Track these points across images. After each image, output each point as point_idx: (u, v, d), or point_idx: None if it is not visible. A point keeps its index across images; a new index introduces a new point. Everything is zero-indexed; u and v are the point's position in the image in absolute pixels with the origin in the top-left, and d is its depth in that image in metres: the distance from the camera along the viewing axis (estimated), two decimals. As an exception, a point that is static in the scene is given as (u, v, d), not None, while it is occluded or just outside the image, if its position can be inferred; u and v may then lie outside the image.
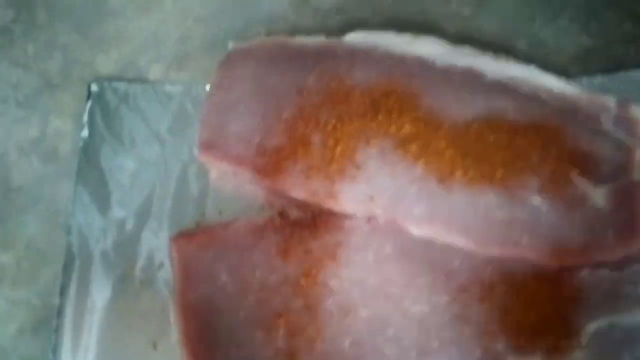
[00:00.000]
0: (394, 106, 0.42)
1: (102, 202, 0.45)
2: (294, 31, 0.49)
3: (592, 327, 0.38)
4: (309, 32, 0.49)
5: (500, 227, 0.39)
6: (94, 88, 0.48)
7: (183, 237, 0.41)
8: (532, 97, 0.42)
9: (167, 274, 0.42)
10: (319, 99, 0.44)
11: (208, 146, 0.44)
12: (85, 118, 0.47)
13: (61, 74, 0.49)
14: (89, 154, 0.46)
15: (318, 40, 0.47)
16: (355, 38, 0.46)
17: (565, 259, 0.38)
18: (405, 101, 0.42)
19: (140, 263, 0.43)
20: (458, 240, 0.39)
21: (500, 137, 0.41)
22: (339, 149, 0.42)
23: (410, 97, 0.43)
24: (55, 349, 0.41)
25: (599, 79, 0.45)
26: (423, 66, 0.44)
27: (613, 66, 0.46)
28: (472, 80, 0.43)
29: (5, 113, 0.48)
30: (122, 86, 0.48)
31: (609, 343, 0.38)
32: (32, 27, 0.51)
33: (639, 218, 0.38)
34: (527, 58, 0.47)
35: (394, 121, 0.42)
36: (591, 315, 0.38)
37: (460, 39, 0.47)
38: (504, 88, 0.43)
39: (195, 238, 0.41)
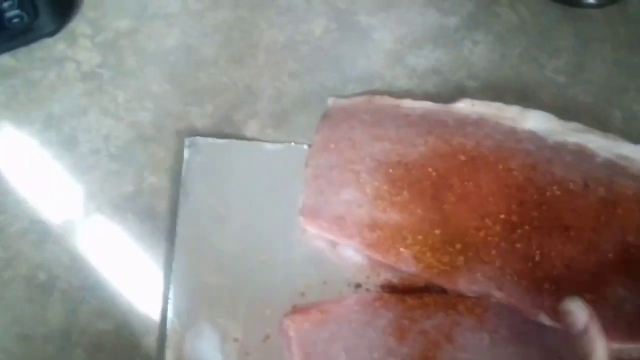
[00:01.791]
0: (514, 184, 0.42)
1: (201, 266, 0.44)
2: (390, 91, 0.49)
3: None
4: (404, 92, 0.49)
5: (624, 320, 0.39)
6: (189, 142, 0.46)
7: (298, 314, 0.40)
8: None
9: (273, 346, 0.42)
10: (433, 172, 0.43)
11: (312, 214, 0.43)
12: (183, 174, 0.45)
13: (154, 125, 0.47)
14: (186, 214, 0.45)
15: (425, 104, 0.46)
16: (461, 107, 0.46)
17: None
18: (524, 180, 0.43)
19: (243, 333, 0.42)
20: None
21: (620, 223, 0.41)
22: (458, 228, 0.41)
23: (527, 174, 0.43)
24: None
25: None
26: (535, 141, 0.44)
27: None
28: (583, 158, 0.43)
29: (96, 166, 0.46)
30: (218, 142, 0.47)
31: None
32: (120, 74, 0.49)
33: None
34: (621, 131, 0.47)
35: (514, 205, 0.42)
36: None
37: (554, 107, 0.47)
38: (614, 168, 0.43)
39: (310, 315, 0.40)
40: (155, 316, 0.43)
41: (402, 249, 0.41)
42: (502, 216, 0.42)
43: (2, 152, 0.48)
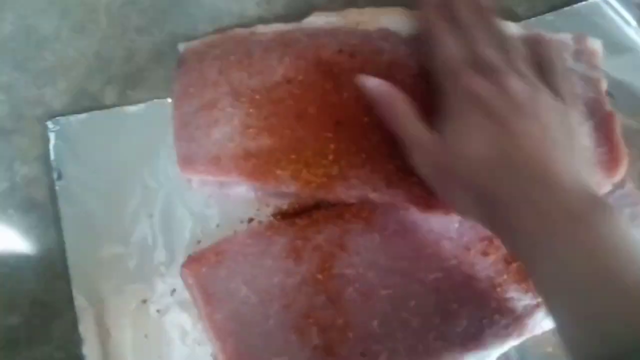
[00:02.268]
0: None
1: (95, 242, 0.44)
2: (241, 23, 0.48)
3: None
4: (256, 20, 0.48)
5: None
6: (52, 125, 0.45)
7: (193, 262, 0.41)
8: None
9: (181, 298, 0.43)
10: (296, 90, 0.43)
11: (188, 162, 0.43)
12: (52, 158, 0.45)
13: (11, 117, 0.46)
14: (66, 197, 0.44)
15: (276, 26, 0.46)
16: (315, 20, 0.46)
17: None
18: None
19: (151, 294, 0.43)
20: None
21: None
22: (325, 139, 0.42)
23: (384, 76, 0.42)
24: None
25: (547, 18, 0.47)
26: (388, 39, 0.44)
27: (558, 2, 0.48)
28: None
29: (-36, 170, 0.45)
30: (80, 117, 0.46)
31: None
32: (-36, 71, 0.47)
33: (617, 147, 0.41)
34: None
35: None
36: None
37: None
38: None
39: (205, 260, 0.41)
40: (62, 300, 0.43)
41: (278, 171, 0.42)
42: (365, 119, 0.42)
43: None
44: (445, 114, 0.38)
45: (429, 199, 0.40)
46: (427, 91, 0.42)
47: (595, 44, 0.44)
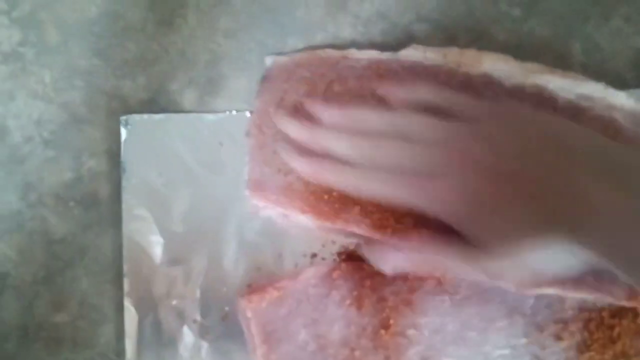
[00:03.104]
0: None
1: (153, 252, 0.42)
2: (333, 43, 0.46)
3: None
4: (349, 43, 0.46)
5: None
6: (125, 121, 0.44)
7: (253, 293, 0.40)
8: (603, 121, 0.41)
9: (231, 325, 0.41)
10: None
11: (258, 187, 0.42)
12: (121, 155, 0.43)
13: (86, 105, 0.45)
14: (130, 197, 0.43)
15: (371, 53, 0.44)
16: (413, 52, 0.43)
17: None
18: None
19: (201, 313, 0.42)
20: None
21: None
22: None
23: None
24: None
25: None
26: (491, 86, 0.41)
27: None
28: (543, 101, 0.41)
29: (32, 154, 0.44)
30: (155, 118, 0.44)
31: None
32: (44, 51, 0.45)
33: None
34: (582, 64, 0.45)
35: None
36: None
37: (511, 44, 0.45)
38: (577, 110, 0.41)
39: (266, 294, 0.39)
40: (112, 305, 0.42)
41: (350, 212, 0.40)
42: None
43: None
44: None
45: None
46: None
47: None
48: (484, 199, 0.34)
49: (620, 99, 0.41)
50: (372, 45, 0.45)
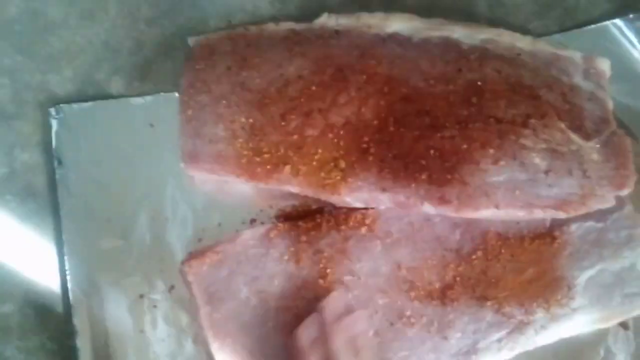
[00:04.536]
0: (382, 88, 0.43)
1: (94, 234, 0.43)
2: (254, 21, 0.48)
3: (585, 275, 0.42)
4: (268, 19, 0.48)
5: (501, 189, 0.41)
6: (54, 112, 0.45)
7: (194, 259, 0.41)
8: (507, 59, 0.44)
9: (179, 295, 0.42)
10: (306, 89, 0.43)
11: (192, 158, 0.43)
12: (54, 146, 0.44)
13: (14, 101, 0.45)
14: (65, 186, 0.44)
15: (286, 26, 0.45)
16: (326, 21, 0.45)
17: (567, 210, 0.41)
18: (391, 83, 0.43)
19: (149, 289, 0.43)
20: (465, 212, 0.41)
21: (488, 103, 0.42)
22: (333, 141, 0.42)
23: (391, 77, 0.43)
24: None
25: (557, 37, 0.47)
26: (401, 43, 0.44)
27: (569, 19, 0.48)
28: (450, 49, 0.44)
29: (-37, 153, 0.45)
30: (85, 106, 0.45)
31: (600, 287, 0.42)
32: (-33, 52, 0.46)
33: (626, 163, 0.42)
34: (488, 20, 0.48)
35: (385, 105, 0.43)
36: (583, 266, 0.42)
37: (421, 7, 0.48)
38: (482, 51, 0.44)
39: (206, 258, 0.41)
40: (56, 290, 0.43)
41: (282, 171, 0.41)
42: (375, 122, 0.42)
43: None
44: None
45: (441, 192, 0.40)
46: (440, 94, 0.42)
47: (604, 64, 0.44)
48: None
49: (519, 40, 0.44)
50: (289, 19, 0.47)
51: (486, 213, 0.41)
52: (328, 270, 0.41)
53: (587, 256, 0.42)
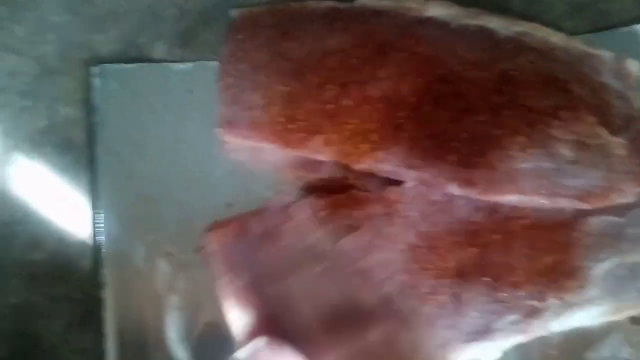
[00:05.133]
0: (420, 67, 0.44)
1: (126, 191, 0.45)
2: (295, -2, 0.49)
3: (600, 267, 0.43)
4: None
5: (528, 177, 0.42)
6: (97, 71, 0.46)
7: (218, 229, 0.42)
8: (541, 52, 0.45)
9: (204, 257, 0.44)
10: (344, 62, 0.44)
11: (229, 124, 0.44)
12: (94, 103, 0.46)
13: (58, 58, 0.47)
14: (104, 142, 0.45)
15: (328, 3, 0.47)
16: (367, 1, 0.47)
17: (591, 202, 0.42)
18: (429, 63, 0.44)
19: (175, 247, 0.44)
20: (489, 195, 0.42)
21: (521, 92, 0.43)
22: (369, 114, 0.43)
23: (431, 58, 0.44)
24: (107, 341, 0.43)
25: (589, 37, 0.48)
26: (439, 26, 0.45)
27: (601, 20, 0.49)
28: (486, 37, 0.45)
29: (7, 104, 0.46)
30: (127, 67, 0.47)
31: (615, 280, 0.43)
32: (16, 8, 0.47)
33: None
34: (522, 17, 0.49)
35: (422, 83, 0.43)
36: (599, 258, 0.43)
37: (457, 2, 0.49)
38: (517, 42, 0.45)
39: (229, 229, 0.42)
40: (87, 242, 0.45)
41: (314, 139, 0.43)
42: (412, 99, 0.43)
43: None
44: None
45: (469, 174, 0.41)
46: (475, 79, 0.43)
47: (633, 66, 0.46)
48: None
49: (553, 35, 0.46)
50: (331, -1, 0.48)
51: (511, 198, 0.42)
52: (346, 239, 0.43)
53: (604, 249, 0.43)
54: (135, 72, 0.47)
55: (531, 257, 0.43)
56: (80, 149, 0.46)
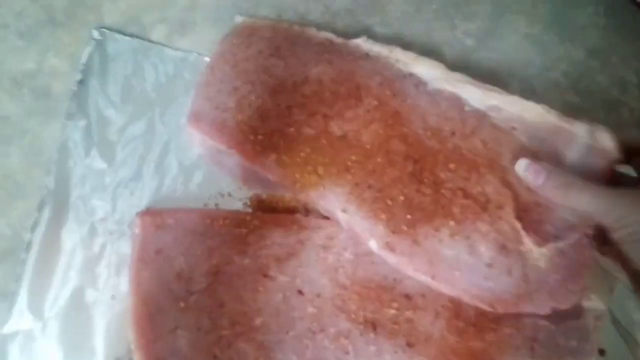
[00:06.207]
0: (387, 120, 0.44)
1: (86, 149, 0.46)
2: (301, 23, 0.50)
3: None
4: (315, 27, 0.50)
5: (445, 264, 0.41)
6: (96, 34, 0.48)
7: (149, 215, 0.43)
8: (499, 132, 0.44)
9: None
10: (319, 92, 0.45)
11: (197, 117, 0.45)
12: (83, 62, 0.47)
13: (66, 12, 0.49)
14: (80, 99, 0.47)
15: (326, 35, 0.48)
16: (362, 43, 0.48)
17: (497, 307, 0.40)
18: (396, 118, 0.44)
19: (111, 213, 0.45)
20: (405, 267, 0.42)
21: (464, 174, 0.43)
22: (325, 147, 0.44)
23: (398, 114, 0.45)
24: (19, 280, 0.43)
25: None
26: (417, 85, 0.46)
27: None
28: (455, 107, 0.45)
29: (3, 39, 0.48)
30: (124, 39, 0.49)
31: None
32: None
33: (577, 279, 0.41)
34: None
35: (383, 135, 0.44)
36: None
37: (457, 66, 0.49)
38: (478, 120, 0.44)
39: (160, 219, 0.43)
40: (33, 186, 0.46)
41: (270, 157, 0.44)
42: (367, 146, 0.44)
43: None
44: None
45: (391, 238, 0.41)
46: (430, 148, 0.43)
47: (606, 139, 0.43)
48: None
49: (525, 110, 0.44)
50: (332, 32, 0.49)
51: (422, 278, 0.41)
52: (272, 265, 0.43)
53: (531, 353, 0.42)
54: (130, 45, 0.49)
55: (452, 336, 0.42)
56: (55, 101, 0.47)
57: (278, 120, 0.45)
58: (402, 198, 0.42)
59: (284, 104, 0.45)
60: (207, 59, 0.48)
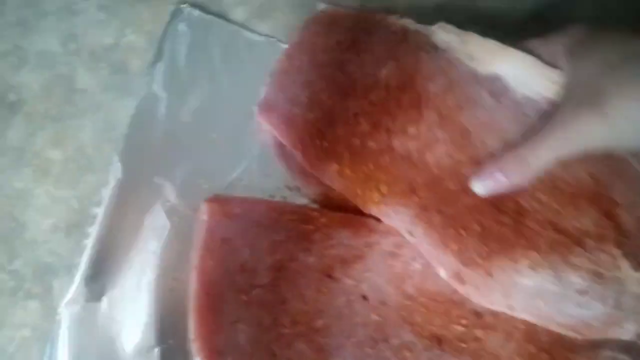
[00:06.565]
0: (453, 140, 0.40)
1: (157, 129, 0.46)
2: (385, 9, 0.47)
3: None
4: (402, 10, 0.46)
5: (524, 294, 0.38)
6: (176, 12, 0.48)
7: (217, 203, 0.42)
8: (610, 162, 0.39)
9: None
10: (385, 101, 0.42)
11: (267, 107, 0.44)
12: (160, 39, 0.47)
13: (148, -14, 0.48)
14: (154, 77, 0.46)
15: (403, 22, 0.44)
16: (435, 30, 0.43)
17: (585, 333, 0.38)
18: (465, 137, 0.40)
19: (177, 197, 0.45)
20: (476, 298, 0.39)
21: (555, 205, 0.39)
22: (390, 164, 0.41)
23: (467, 132, 0.40)
24: (83, 254, 0.43)
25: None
26: (495, 93, 0.41)
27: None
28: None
29: (85, 11, 0.48)
30: (204, 18, 0.48)
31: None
32: None
33: None
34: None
35: (453, 158, 0.40)
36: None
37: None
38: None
39: (229, 207, 0.42)
40: (102, 160, 0.46)
41: (332, 167, 0.42)
42: (435, 170, 0.40)
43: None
44: None
45: (461, 269, 0.39)
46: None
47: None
48: None
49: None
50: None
51: (499, 308, 0.39)
52: (336, 266, 0.41)
53: None
54: (209, 23, 0.48)
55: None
56: (131, 75, 0.47)
57: (345, 128, 0.42)
58: (477, 227, 0.39)
59: (352, 110, 0.42)
60: (285, 46, 0.47)
